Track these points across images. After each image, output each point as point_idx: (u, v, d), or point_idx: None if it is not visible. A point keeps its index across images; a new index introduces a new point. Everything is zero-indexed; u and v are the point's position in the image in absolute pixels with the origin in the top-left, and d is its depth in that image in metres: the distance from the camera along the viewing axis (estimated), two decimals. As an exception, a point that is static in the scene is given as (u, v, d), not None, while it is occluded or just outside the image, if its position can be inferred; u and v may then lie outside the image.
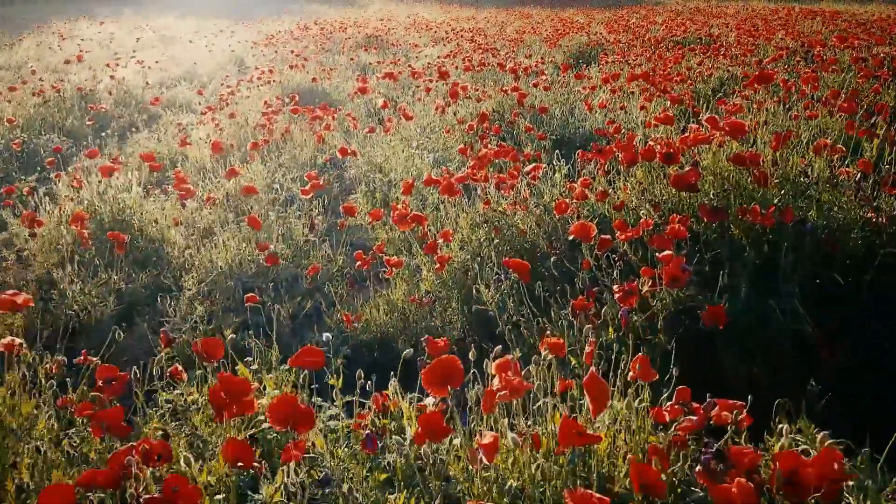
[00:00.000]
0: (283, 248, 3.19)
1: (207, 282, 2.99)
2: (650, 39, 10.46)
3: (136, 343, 2.79)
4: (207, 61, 11.08)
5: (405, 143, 4.97)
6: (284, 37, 13.15)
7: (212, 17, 20.64)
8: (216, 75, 10.14)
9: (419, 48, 12.12)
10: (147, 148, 5.57)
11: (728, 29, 11.63)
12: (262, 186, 4.04)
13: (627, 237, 2.17)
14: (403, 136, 5.09)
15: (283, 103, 6.35)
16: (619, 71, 6.72)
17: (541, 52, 10.81)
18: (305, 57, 9.34)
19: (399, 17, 19.85)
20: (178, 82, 9.67)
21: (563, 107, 5.18)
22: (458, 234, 3.07)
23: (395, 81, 6.68)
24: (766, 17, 16.26)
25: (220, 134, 5.28)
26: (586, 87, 5.70)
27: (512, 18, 18.69)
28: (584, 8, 23.23)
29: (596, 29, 13.32)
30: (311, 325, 2.75)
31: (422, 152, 4.63)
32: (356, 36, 13.28)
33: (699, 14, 19.21)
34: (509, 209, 3.11)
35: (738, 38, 9.98)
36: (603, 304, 2.31)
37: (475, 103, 5.41)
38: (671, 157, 2.26)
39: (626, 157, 2.49)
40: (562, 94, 5.34)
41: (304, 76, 7.72)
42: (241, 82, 8.01)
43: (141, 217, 3.60)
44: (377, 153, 4.68)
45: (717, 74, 6.48)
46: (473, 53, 9.37)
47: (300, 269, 3.10)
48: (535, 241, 3.01)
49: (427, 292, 2.92)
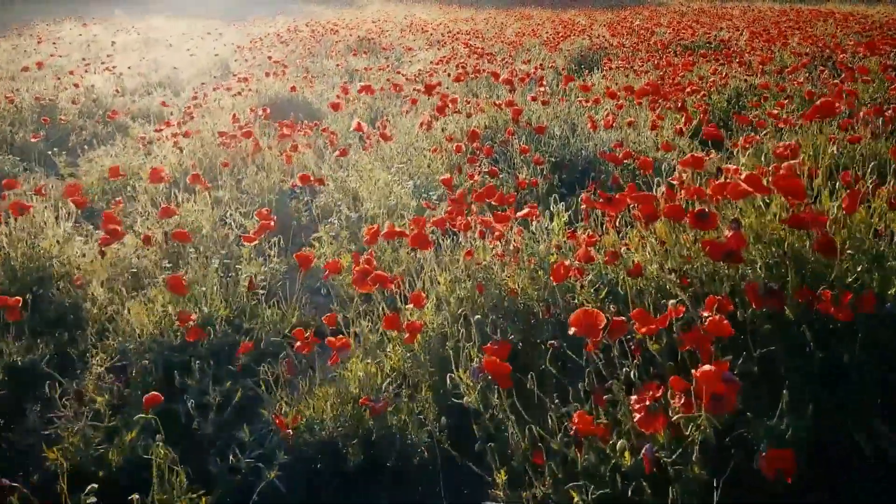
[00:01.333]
0: (221, 308, 2.61)
1: (121, 355, 2.41)
2: (656, 43, 9.89)
3: (23, 438, 2.22)
4: (189, 66, 10.50)
5: (386, 165, 4.40)
6: (272, 40, 12.57)
7: (205, 17, 20.08)
8: (197, 81, 9.56)
9: (413, 52, 11.54)
10: (100, 168, 5.00)
11: (738, 32, 11.05)
12: (212, 223, 3.46)
13: (649, 331, 1.59)
14: (386, 154, 4.51)
15: (255, 116, 5.77)
16: (628, 82, 6.14)
17: (540, 56, 10.23)
18: (285, 64, 8.75)
19: (396, 18, 19.27)
20: (154, 89, 9.09)
21: (564, 124, 4.59)
22: (435, 291, 2.49)
23: (372, 95, 6.09)
24: (775, 19, 15.69)
25: (180, 155, 4.71)
26: (589, 99, 5.13)
27: (511, 20, 18.11)
28: (586, 9, 22.64)
29: (598, 31, 12.74)
30: (244, 417, 2.18)
31: (402, 178, 4.05)
32: (347, 39, 12.70)
33: (704, 15, 18.62)
34: (499, 257, 2.54)
35: (750, 42, 9.40)
36: (614, 403, 1.74)
37: (465, 118, 4.83)
38: (706, 220, 1.69)
39: (645, 210, 1.91)
40: (562, 108, 4.76)
41: (284, 84, 7.13)
42: (216, 89, 7.43)
43: (61, 264, 3.02)
44: (352, 178, 4.10)
45: (732, 84, 5.90)
46: (468, 59, 8.79)
47: (240, 337, 2.52)
48: (529, 302, 2.43)
49: (394, 370, 2.34)
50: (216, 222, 3.50)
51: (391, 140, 4.35)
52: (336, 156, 3.96)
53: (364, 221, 3.46)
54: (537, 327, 2.31)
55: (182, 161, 4.64)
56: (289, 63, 9.59)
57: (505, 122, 4.83)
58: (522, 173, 3.95)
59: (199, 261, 2.99)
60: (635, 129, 4.52)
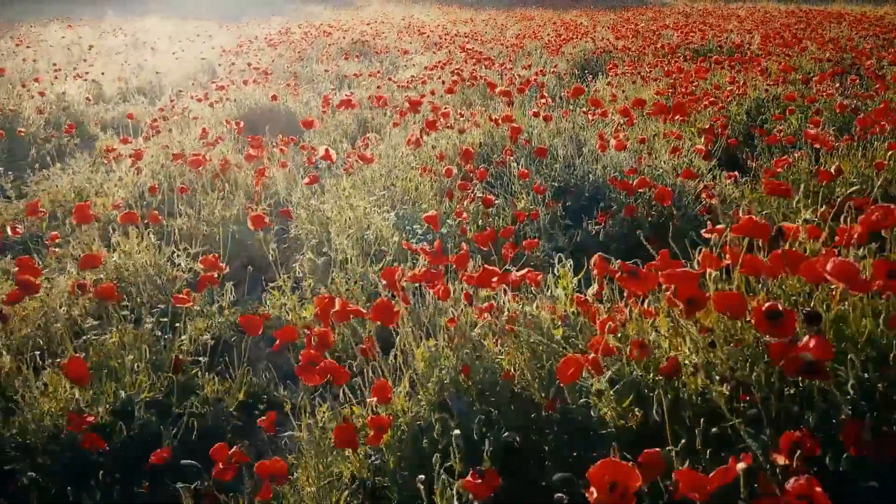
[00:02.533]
0: (146, 388, 2.10)
1: (16, 455, 1.91)
2: (663, 47, 9.37)
3: None
4: (174, 70, 9.99)
5: (368, 188, 3.89)
6: (261, 43, 12.06)
7: (200, 18, 19.54)
8: (181, 86, 9.05)
9: (409, 55, 11.03)
10: (55, 188, 4.49)
11: (750, 35, 10.52)
12: (156, 266, 2.95)
13: (701, 497, 1.08)
14: (367, 177, 4.00)
15: (230, 129, 5.27)
16: (636, 90, 5.63)
17: (542, 61, 9.71)
18: (267, 72, 8.22)
19: (394, 19, 18.74)
20: (133, 96, 8.58)
21: (569, 142, 4.08)
22: (409, 373, 1.99)
23: (353, 109, 5.58)
24: (783, 20, 15.16)
25: (136, 177, 4.20)
26: (595, 112, 4.61)
27: (512, 21, 17.58)
28: (588, 9, 22.09)
29: (602, 34, 12.22)
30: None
31: (383, 206, 3.54)
32: (341, 41, 12.18)
33: (710, 16, 18.09)
34: (488, 321, 2.03)
35: (763, 46, 8.87)
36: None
37: (458, 135, 4.32)
38: (781, 323, 1.18)
39: (685, 292, 1.40)
40: (566, 124, 4.24)
41: (266, 92, 6.62)
42: (193, 98, 6.92)
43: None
44: (328, 205, 3.59)
45: (752, 94, 5.39)
46: (465, 63, 8.28)
47: (169, 424, 2.01)
48: (528, 389, 1.92)
49: (355, 480, 1.84)
50: (163, 264, 2.99)
51: (372, 162, 3.83)
52: (305, 182, 3.45)
53: (333, 266, 2.95)
54: (537, 427, 1.80)
55: (139, 183, 4.14)
56: (276, 68, 9.08)
57: (502, 138, 4.33)
58: (521, 202, 3.45)
59: (133, 314, 2.49)
60: (648, 146, 4.00)
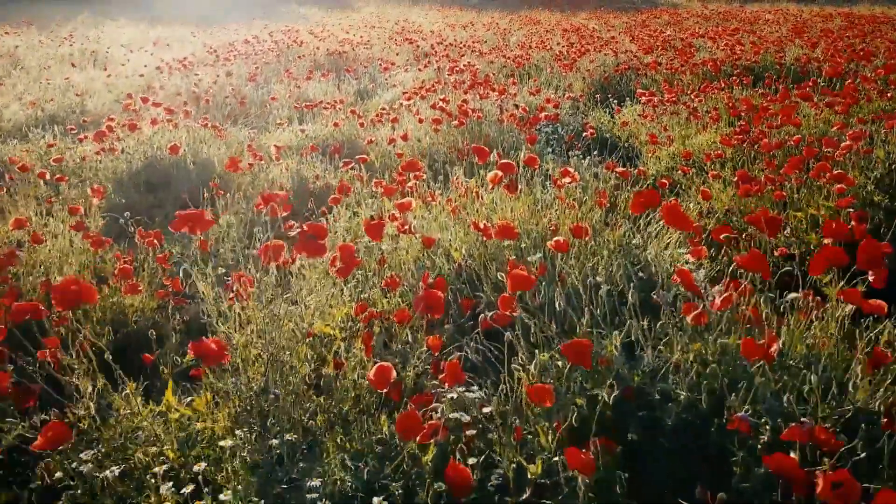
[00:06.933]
0: None
1: None
2: (704, 62, 7.54)
3: None
4: (103, 92, 8.21)
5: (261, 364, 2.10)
6: (204, 57, 10.22)
7: (174, 21, 17.73)
8: (106, 112, 7.27)
9: (394, 69, 9.23)
10: None
11: (809, 48, 8.67)
12: None
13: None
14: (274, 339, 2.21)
15: (90, 207, 3.50)
16: (684, 129, 3.83)
17: (553, 79, 7.91)
18: (204, 98, 6.39)
19: (388, 23, 16.89)
20: (42, 125, 6.80)
21: (609, 263, 2.29)
22: None
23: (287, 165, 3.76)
24: (823, 25, 13.27)
25: None
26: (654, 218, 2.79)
27: (516, 25, 15.73)
28: (597, 11, 20.19)
29: (623, 44, 10.38)
30: None
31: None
32: (315, 53, 10.37)
33: (732, 19, 16.22)
34: None
35: (832, 62, 7.02)
36: None
37: (422, 249, 2.53)
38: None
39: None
40: (611, 241, 2.43)
41: (174, 136, 4.80)
42: (80, 139, 5.13)
43: None
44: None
45: (878, 154, 3.57)
46: (455, 90, 6.45)
47: None
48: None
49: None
50: None
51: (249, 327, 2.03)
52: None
53: None
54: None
55: None
56: (219, 91, 7.28)
57: (494, 257, 2.53)
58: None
59: None
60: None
